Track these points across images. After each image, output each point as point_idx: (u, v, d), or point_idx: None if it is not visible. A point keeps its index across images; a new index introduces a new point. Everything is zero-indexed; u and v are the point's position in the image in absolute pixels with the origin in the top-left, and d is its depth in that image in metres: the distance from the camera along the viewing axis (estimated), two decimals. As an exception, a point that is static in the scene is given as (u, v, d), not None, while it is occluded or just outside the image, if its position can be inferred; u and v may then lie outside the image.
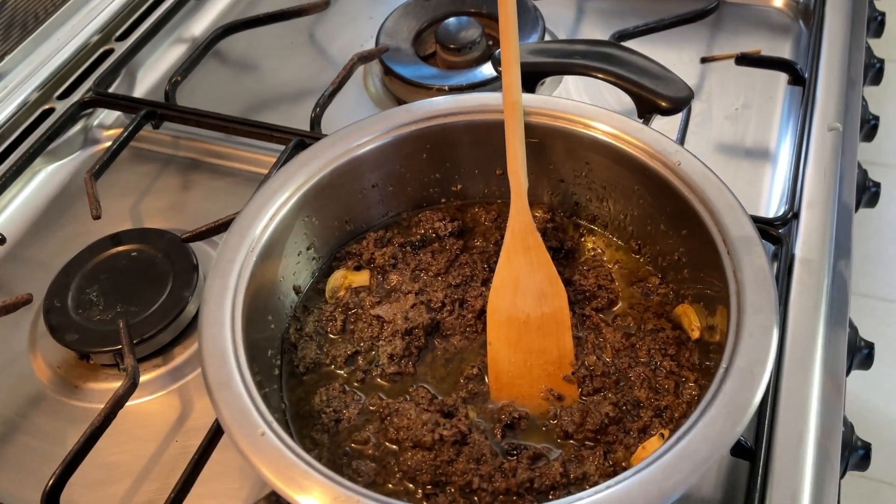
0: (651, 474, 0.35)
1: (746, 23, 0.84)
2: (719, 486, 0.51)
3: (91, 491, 0.55)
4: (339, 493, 0.35)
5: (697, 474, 0.35)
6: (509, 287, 0.50)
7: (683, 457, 0.35)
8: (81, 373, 0.61)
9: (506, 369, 0.48)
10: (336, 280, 0.52)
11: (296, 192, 0.49)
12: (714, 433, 0.36)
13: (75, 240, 0.68)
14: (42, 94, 0.81)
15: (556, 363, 0.48)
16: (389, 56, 0.79)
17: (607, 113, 0.50)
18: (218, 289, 0.44)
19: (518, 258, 0.50)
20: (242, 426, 0.38)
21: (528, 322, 0.49)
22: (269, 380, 0.47)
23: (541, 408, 0.47)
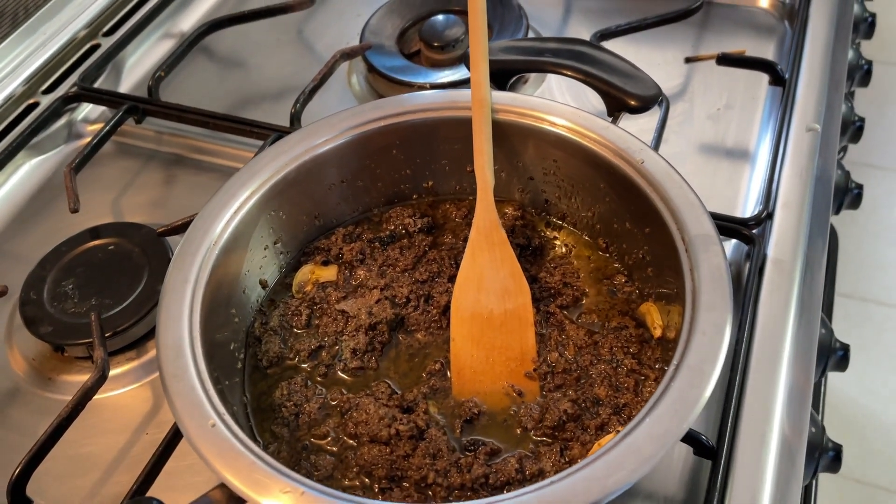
0: (594, 471, 0.35)
1: (732, 23, 0.84)
2: (683, 484, 0.51)
3: (61, 483, 0.55)
4: (286, 484, 0.36)
5: (641, 472, 0.35)
6: (473, 283, 0.50)
7: (628, 453, 0.35)
8: (56, 365, 0.62)
9: (468, 365, 0.48)
10: (303, 275, 0.52)
11: (261, 186, 0.49)
12: (660, 430, 0.36)
13: (55, 234, 0.68)
14: (28, 89, 0.81)
15: (519, 359, 0.48)
16: (373, 53, 0.79)
17: (573, 110, 0.50)
18: (177, 282, 0.44)
19: (483, 255, 0.50)
20: (194, 417, 0.38)
21: (492, 318, 0.49)
22: (232, 373, 0.47)
23: (502, 403, 0.47)
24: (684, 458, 0.52)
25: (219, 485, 0.37)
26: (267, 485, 0.36)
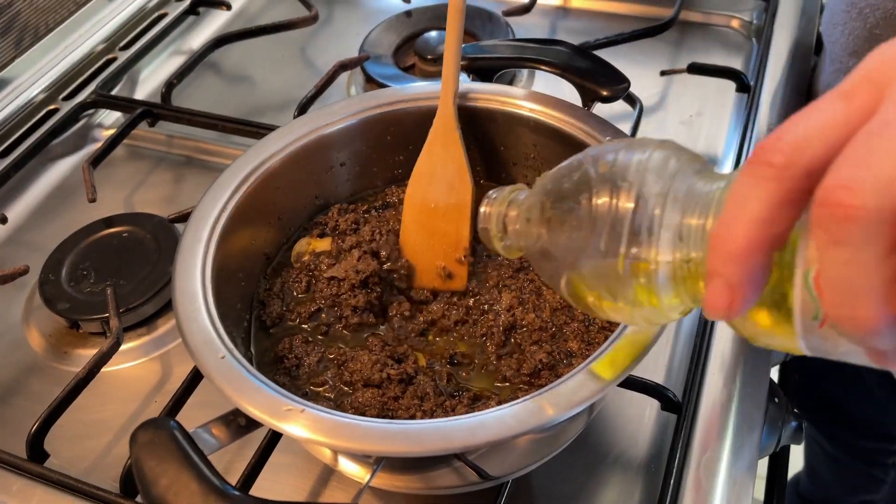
0: (553, 393, 0.39)
1: (705, 41, 0.91)
2: (651, 440, 0.56)
3: (74, 444, 0.59)
4: (288, 404, 0.40)
5: (593, 398, 0.39)
6: (426, 176, 0.56)
7: (584, 381, 0.40)
8: (71, 340, 0.66)
9: (412, 244, 0.56)
10: (301, 246, 0.57)
11: (267, 161, 0.54)
12: (619, 358, 0.40)
13: (71, 225, 0.73)
14: (48, 96, 0.87)
15: (453, 246, 0.55)
16: (371, 64, 0.85)
17: (550, 97, 0.55)
18: (191, 240, 0.49)
19: (436, 151, 0.56)
20: (206, 351, 0.43)
21: (437, 209, 0.56)
22: (238, 330, 0.52)
23: (434, 282, 0.55)
24: (654, 418, 0.57)
25: (232, 409, 0.42)
26: (271, 405, 0.40)
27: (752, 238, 0.26)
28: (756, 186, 0.26)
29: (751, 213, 0.26)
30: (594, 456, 0.55)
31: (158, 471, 0.38)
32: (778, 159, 0.25)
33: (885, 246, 0.23)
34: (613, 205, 0.33)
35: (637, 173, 0.33)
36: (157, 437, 0.39)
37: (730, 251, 0.27)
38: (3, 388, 0.64)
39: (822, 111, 0.26)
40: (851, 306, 0.24)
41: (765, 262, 0.27)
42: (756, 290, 0.27)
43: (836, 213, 0.23)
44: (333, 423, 0.40)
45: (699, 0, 0.93)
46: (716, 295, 0.27)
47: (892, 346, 0.25)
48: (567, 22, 0.97)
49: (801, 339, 0.28)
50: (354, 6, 1.04)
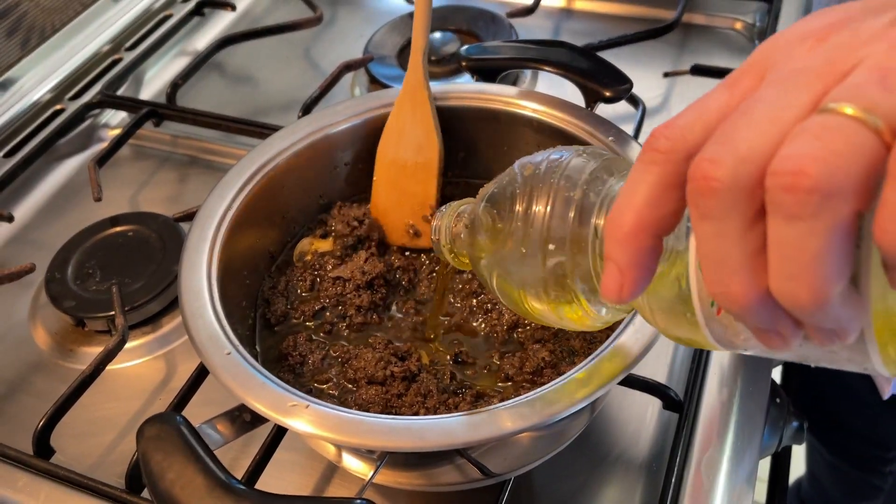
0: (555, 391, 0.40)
1: (708, 43, 0.91)
2: (653, 440, 0.56)
3: (79, 441, 0.59)
4: (292, 399, 0.40)
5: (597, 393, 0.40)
6: (395, 135, 0.58)
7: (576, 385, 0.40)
8: (76, 338, 0.67)
9: (382, 202, 0.58)
10: (303, 246, 0.58)
11: (272, 160, 0.54)
12: (622, 355, 0.41)
13: (77, 224, 0.73)
14: (54, 96, 0.87)
15: (421, 204, 0.57)
16: (375, 65, 0.86)
17: (551, 97, 0.56)
18: (197, 238, 0.49)
19: (405, 110, 0.57)
20: (211, 348, 0.43)
21: (406, 167, 0.57)
22: (243, 328, 0.52)
23: (402, 239, 0.58)
24: (656, 418, 0.57)
25: (237, 405, 0.42)
26: (276, 401, 0.41)
27: (636, 221, 0.27)
28: (643, 171, 0.27)
29: (636, 197, 0.27)
30: (596, 454, 0.56)
31: (165, 465, 0.38)
32: (663, 144, 0.26)
33: (744, 218, 0.24)
34: (533, 210, 0.35)
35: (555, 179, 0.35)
36: (164, 432, 0.39)
37: (618, 235, 0.27)
38: (8, 385, 0.64)
39: (708, 99, 0.27)
40: (724, 282, 0.25)
41: (651, 243, 0.27)
42: (644, 272, 0.28)
43: (701, 186, 0.24)
44: (338, 418, 0.40)
45: (702, 2, 0.93)
46: (607, 278, 0.28)
47: (769, 323, 0.25)
48: (570, 23, 0.97)
49: (705, 329, 0.29)
50: (358, 7, 1.04)
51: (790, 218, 0.22)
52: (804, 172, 0.22)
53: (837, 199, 0.22)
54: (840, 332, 0.24)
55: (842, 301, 0.23)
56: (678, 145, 0.26)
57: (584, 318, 0.36)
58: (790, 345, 0.26)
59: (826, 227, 0.22)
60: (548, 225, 0.34)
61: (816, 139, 0.22)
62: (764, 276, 0.24)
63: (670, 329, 0.31)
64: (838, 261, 0.22)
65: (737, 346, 0.29)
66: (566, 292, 0.35)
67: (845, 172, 0.22)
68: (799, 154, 0.22)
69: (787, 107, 0.24)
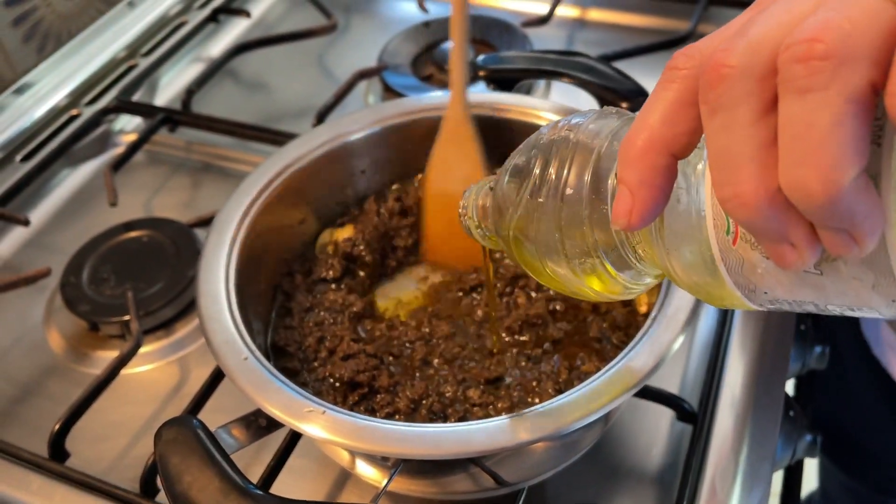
0: (580, 397, 0.40)
1: (721, 55, 0.91)
2: (666, 452, 0.56)
3: (93, 445, 0.60)
4: (310, 406, 0.40)
5: (622, 398, 0.40)
6: (441, 170, 0.57)
7: (609, 384, 0.40)
8: (90, 342, 0.67)
9: (438, 234, 0.57)
10: (324, 237, 0.58)
11: (290, 166, 0.55)
12: (639, 364, 0.41)
13: (92, 229, 0.74)
14: (70, 101, 0.88)
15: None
16: (389, 73, 0.86)
17: (569, 108, 0.56)
18: (215, 243, 0.49)
19: (450, 147, 0.56)
20: (228, 352, 0.43)
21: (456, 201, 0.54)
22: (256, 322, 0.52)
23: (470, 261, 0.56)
24: (668, 429, 0.57)
25: (253, 410, 0.42)
26: (293, 406, 0.41)
27: (648, 138, 0.26)
28: (661, 90, 0.26)
29: (651, 116, 0.26)
30: (608, 465, 0.55)
31: (182, 468, 0.38)
32: (681, 62, 0.25)
33: (756, 104, 0.22)
34: (549, 172, 0.34)
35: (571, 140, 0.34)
36: (181, 435, 0.40)
37: (630, 154, 0.26)
38: (23, 387, 0.65)
39: (729, 23, 0.25)
40: (732, 181, 0.23)
41: (663, 161, 0.26)
42: (656, 192, 0.26)
43: (711, 76, 0.23)
44: (353, 425, 0.40)
45: (716, 13, 0.93)
46: (617, 202, 0.27)
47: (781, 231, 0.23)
48: (584, 33, 0.97)
49: (721, 266, 0.27)
50: (372, 16, 1.05)
51: (801, 92, 0.21)
52: (817, 38, 0.20)
53: (852, 66, 0.20)
54: (857, 235, 0.22)
55: (856, 192, 0.21)
56: (696, 61, 0.25)
57: (610, 283, 0.34)
58: (805, 259, 0.23)
59: (839, 97, 0.20)
60: (564, 184, 0.33)
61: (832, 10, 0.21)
62: (774, 172, 0.22)
63: (689, 276, 0.29)
64: (852, 140, 0.20)
65: (754, 286, 0.27)
66: (588, 254, 0.33)
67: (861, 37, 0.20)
68: (813, 23, 0.21)
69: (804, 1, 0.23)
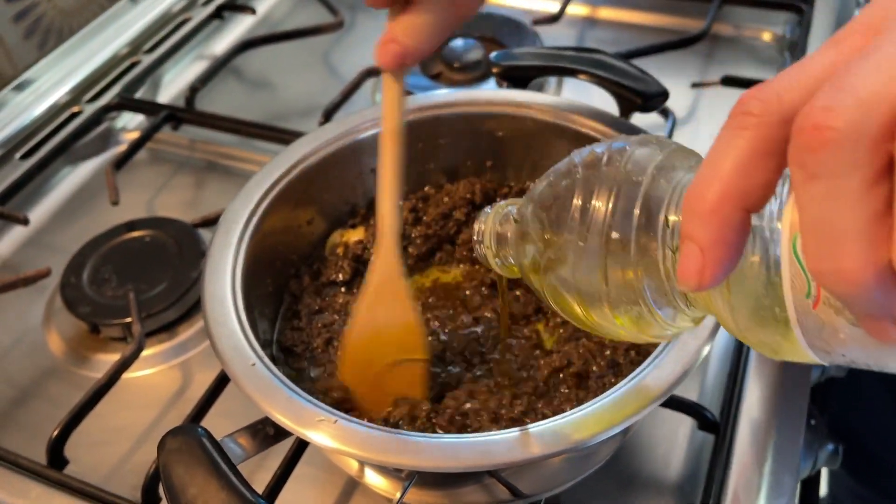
0: (605, 405, 0.38)
1: (735, 54, 0.89)
2: (687, 461, 0.54)
3: (93, 451, 0.58)
4: (320, 415, 0.39)
5: (650, 407, 0.38)
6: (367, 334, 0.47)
7: (636, 391, 0.38)
8: (91, 345, 0.65)
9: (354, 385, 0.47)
10: (334, 238, 0.56)
11: (298, 164, 0.53)
12: (665, 372, 0.39)
13: (93, 228, 0.72)
14: (72, 98, 0.86)
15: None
16: (397, 72, 0.84)
17: (589, 106, 0.54)
18: (221, 244, 0.48)
19: (379, 309, 0.46)
20: (235, 357, 0.41)
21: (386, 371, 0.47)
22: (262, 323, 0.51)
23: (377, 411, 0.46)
24: (688, 438, 0.55)
25: (261, 419, 0.40)
26: (303, 415, 0.39)
27: (722, 192, 0.24)
28: (732, 137, 0.24)
29: (723, 166, 0.24)
30: (625, 476, 0.54)
31: (187, 479, 0.37)
32: (755, 107, 0.23)
33: (867, 172, 0.20)
34: (593, 205, 0.32)
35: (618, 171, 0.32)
36: (186, 445, 0.38)
37: (699, 209, 0.24)
38: (21, 391, 0.63)
39: (810, 59, 0.23)
40: (833, 255, 0.21)
41: (738, 217, 0.24)
42: (730, 251, 0.24)
43: (811, 138, 0.21)
44: (367, 435, 0.38)
45: (730, 13, 0.91)
46: (686, 259, 0.25)
47: (886, 307, 0.21)
48: (595, 32, 0.96)
49: (796, 328, 0.25)
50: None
51: None
52: None
53: None
54: None
55: None
56: (773, 107, 0.23)
57: (651, 324, 0.32)
58: None
59: None
60: (610, 219, 0.31)
61: None
62: (885, 247, 0.20)
63: (752, 331, 0.27)
64: None
65: (832, 348, 0.25)
66: (630, 295, 0.31)
67: None
68: None
69: None
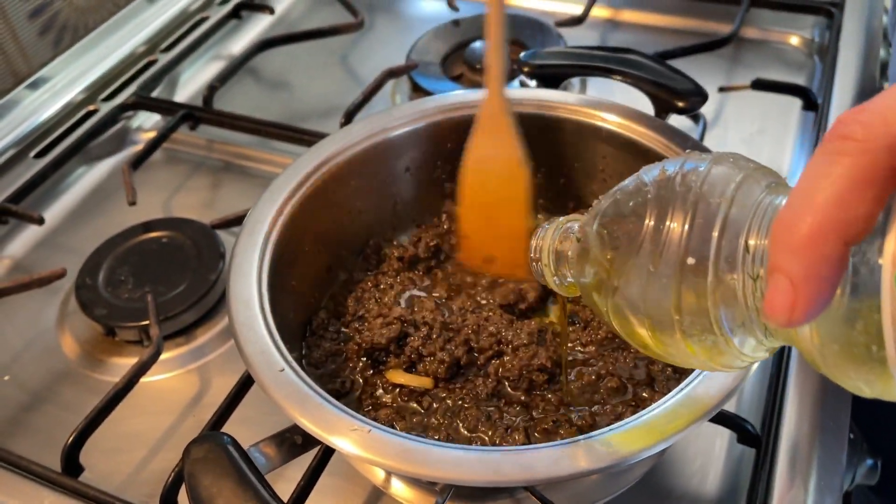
0: (655, 419, 0.36)
1: (763, 58, 0.88)
2: (726, 476, 0.52)
3: (108, 457, 0.56)
4: (354, 423, 0.37)
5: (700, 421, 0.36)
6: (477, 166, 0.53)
7: (688, 402, 0.36)
8: (106, 348, 0.63)
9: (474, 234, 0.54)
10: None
11: (325, 163, 0.51)
12: (715, 385, 0.37)
13: (108, 228, 0.70)
14: (87, 97, 0.85)
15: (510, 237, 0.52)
16: (418, 73, 0.83)
17: (623, 106, 0.52)
18: (246, 245, 0.46)
19: (486, 140, 0.52)
20: (263, 363, 0.40)
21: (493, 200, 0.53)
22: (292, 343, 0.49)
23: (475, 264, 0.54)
24: (725, 452, 0.53)
25: (291, 425, 0.39)
26: (335, 424, 0.37)
27: (819, 223, 0.22)
28: (829, 164, 0.22)
29: (820, 195, 0.22)
30: (662, 489, 0.51)
31: (214, 490, 0.35)
32: (856, 131, 0.21)
33: None
34: (667, 226, 0.30)
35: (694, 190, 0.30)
36: (213, 453, 0.36)
37: (793, 240, 0.22)
38: (34, 394, 0.61)
39: None
40: None
41: (837, 253, 0.22)
42: (825, 287, 0.22)
43: None
44: (403, 446, 0.37)
45: (757, 16, 0.90)
46: (776, 294, 0.23)
47: None
48: (618, 35, 0.94)
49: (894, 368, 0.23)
50: (396, 15, 1.02)
51: None
52: None
53: None
54: None
55: None
56: (877, 131, 0.21)
57: (724, 354, 0.31)
58: None
59: None
60: (686, 243, 0.29)
61: None
62: None
63: (841, 368, 0.25)
64: None
65: None
66: (704, 323, 0.29)
67: None
68: None
69: None
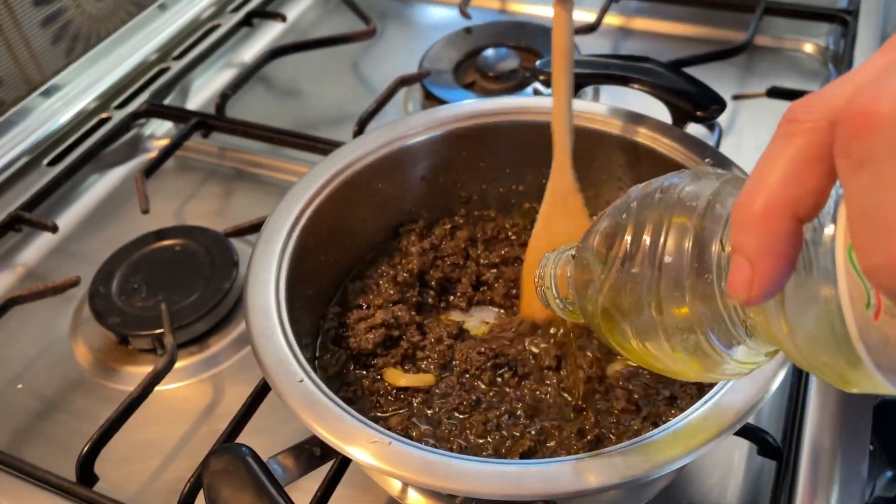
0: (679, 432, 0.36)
1: (777, 66, 0.87)
2: (746, 489, 0.51)
3: (122, 467, 0.56)
4: (374, 435, 0.36)
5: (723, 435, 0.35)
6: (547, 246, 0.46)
7: (711, 416, 0.36)
8: (119, 357, 0.63)
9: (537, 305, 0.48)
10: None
11: (343, 171, 0.51)
12: (739, 398, 0.37)
13: (121, 236, 0.70)
14: (100, 105, 0.85)
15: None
16: (430, 81, 0.83)
17: (641, 115, 0.52)
18: (263, 254, 0.46)
19: (557, 224, 0.49)
20: (282, 373, 0.39)
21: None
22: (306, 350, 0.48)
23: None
24: (744, 464, 0.53)
25: (310, 437, 0.38)
26: (355, 435, 0.37)
27: (771, 200, 0.23)
28: (780, 146, 0.23)
29: (772, 175, 0.23)
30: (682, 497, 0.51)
31: (234, 502, 0.34)
32: (802, 113, 0.22)
33: None
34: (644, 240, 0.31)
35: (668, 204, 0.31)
36: (232, 465, 0.36)
37: (747, 218, 0.23)
38: (48, 403, 0.61)
39: (858, 69, 0.23)
40: (886, 247, 0.19)
41: (788, 227, 0.23)
42: (780, 262, 0.23)
43: (857, 125, 0.20)
44: (423, 459, 0.36)
45: (771, 24, 0.89)
46: (734, 272, 0.23)
47: None
48: (630, 43, 0.94)
49: (859, 344, 0.23)
50: (408, 22, 1.02)
51: None
52: None
53: None
54: None
55: None
56: (820, 112, 0.22)
57: (711, 357, 0.31)
58: None
59: None
60: (662, 251, 0.30)
61: None
62: None
63: (816, 356, 0.25)
64: None
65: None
66: (690, 331, 0.30)
67: None
68: None
69: None
